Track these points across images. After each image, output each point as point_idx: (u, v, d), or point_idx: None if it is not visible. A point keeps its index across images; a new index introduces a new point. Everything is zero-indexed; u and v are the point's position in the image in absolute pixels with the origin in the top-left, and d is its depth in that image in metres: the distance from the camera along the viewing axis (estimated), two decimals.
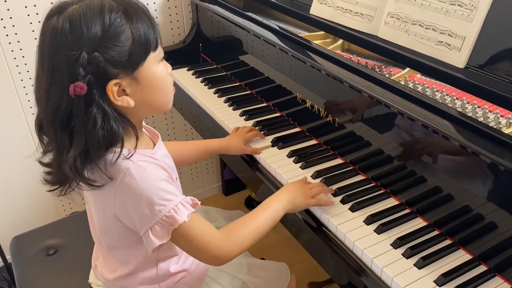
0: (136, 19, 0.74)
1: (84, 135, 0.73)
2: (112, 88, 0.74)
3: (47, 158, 0.83)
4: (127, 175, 0.78)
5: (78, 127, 0.73)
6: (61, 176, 0.80)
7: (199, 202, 0.86)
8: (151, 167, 0.81)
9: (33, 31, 1.55)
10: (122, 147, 0.77)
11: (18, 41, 1.55)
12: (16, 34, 1.54)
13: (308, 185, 1.01)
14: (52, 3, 0.77)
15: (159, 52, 0.80)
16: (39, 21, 1.53)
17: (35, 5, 1.53)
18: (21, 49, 1.56)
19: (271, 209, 0.94)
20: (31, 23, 1.54)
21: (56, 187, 0.82)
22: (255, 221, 0.91)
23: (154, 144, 0.92)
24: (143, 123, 0.97)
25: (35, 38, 1.46)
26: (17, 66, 1.58)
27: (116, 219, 0.84)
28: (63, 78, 0.71)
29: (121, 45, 0.73)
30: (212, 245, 0.85)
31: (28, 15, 1.53)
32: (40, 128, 0.81)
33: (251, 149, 1.21)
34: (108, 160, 0.78)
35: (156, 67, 0.79)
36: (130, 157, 0.79)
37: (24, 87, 1.61)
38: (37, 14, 1.54)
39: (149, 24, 0.77)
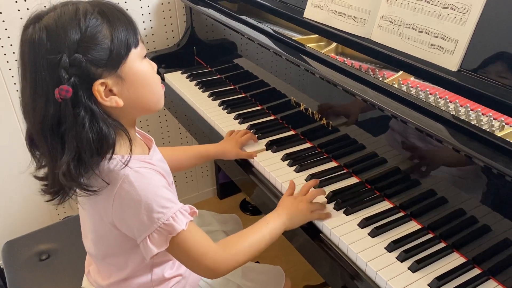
0: (112, 18, 0.75)
1: (74, 139, 0.73)
2: (98, 88, 0.74)
3: (42, 172, 0.82)
4: (126, 181, 0.77)
5: (68, 131, 0.73)
6: (57, 185, 0.79)
7: (197, 211, 0.86)
8: (150, 173, 0.81)
9: None
10: (113, 152, 0.77)
11: (11, 44, 1.54)
12: (8, 37, 1.53)
13: (306, 199, 0.98)
14: (45, 6, 0.77)
15: (141, 49, 0.80)
16: None
17: (27, 9, 1.52)
18: (13, 52, 1.55)
19: (271, 225, 0.93)
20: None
21: (54, 197, 0.81)
22: (253, 236, 0.90)
23: (149, 149, 0.92)
24: (136, 128, 0.97)
25: None
26: (9, 69, 1.57)
27: (113, 226, 0.83)
28: (46, 84, 0.71)
29: (100, 43, 0.73)
30: (208, 256, 0.83)
31: (21, 18, 1.53)
32: (31, 142, 0.79)
33: (247, 153, 1.20)
34: (105, 167, 0.78)
35: (139, 63, 0.79)
36: (127, 163, 0.78)
37: (17, 90, 1.60)
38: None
39: (127, 23, 0.77)
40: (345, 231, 0.94)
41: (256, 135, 1.27)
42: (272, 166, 1.16)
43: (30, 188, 1.73)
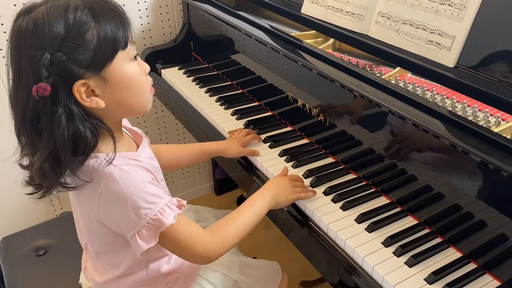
0: (103, 17, 0.73)
1: (51, 137, 0.72)
2: (78, 88, 0.73)
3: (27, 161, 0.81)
4: (110, 180, 0.77)
5: (45, 128, 0.72)
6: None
7: (185, 203, 0.85)
8: (134, 170, 0.80)
9: None
10: (92, 150, 0.76)
11: (7, 40, 1.53)
12: (4, 32, 1.52)
13: (291, 182, 1.01)
14: None
15: (130, 51, 0.78)
16: None
17: (24, 4, 1.51)
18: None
19: (256, 206, 0.95)
20: None
21: (36, 190, 0.81)
22: (241, 219, 0.92)
23: (138, 146, 0.91)
24: (129, 125, 0.96)
25: None
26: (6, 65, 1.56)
27: (101, 224, 0.83)
28: (28, 79, 0.70)
29: (85, 44, 0.71)
30: (200, 245, 0.84)
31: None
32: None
33: (249, 150, 1.19)
34: (89, 166, 0.77)
35: (126, 66, 0.77)
36: (111, 161, 0.77)
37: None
38: None
39: (119, 22, 0.75)
40: (342, 226, 0.94)
41: (254, 131, 1.27)
42: (269, 161, 1.16)
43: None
